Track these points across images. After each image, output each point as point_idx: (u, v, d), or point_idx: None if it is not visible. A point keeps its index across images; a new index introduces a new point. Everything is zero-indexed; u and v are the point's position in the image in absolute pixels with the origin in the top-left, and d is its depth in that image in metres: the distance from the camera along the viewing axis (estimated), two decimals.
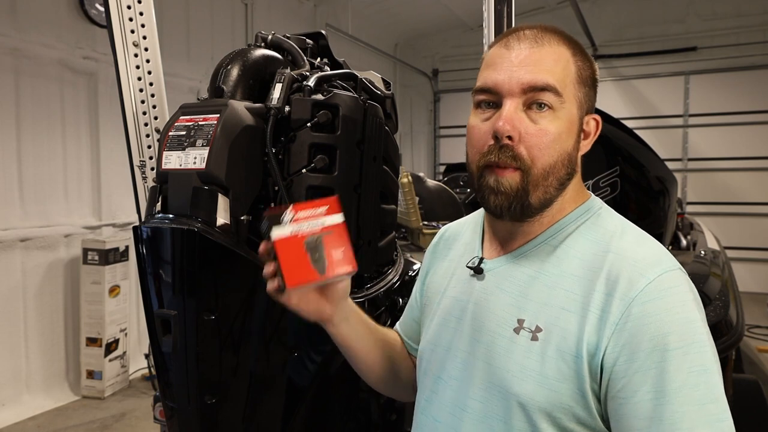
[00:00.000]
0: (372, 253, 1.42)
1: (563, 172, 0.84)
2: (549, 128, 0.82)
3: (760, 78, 7.53)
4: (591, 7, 8.15)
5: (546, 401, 0.78)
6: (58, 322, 4.13)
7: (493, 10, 1.78)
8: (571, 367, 0.77)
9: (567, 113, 0.84)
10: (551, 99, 0.82)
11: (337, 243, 0.90)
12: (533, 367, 0.80)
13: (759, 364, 4.02)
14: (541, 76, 0.82)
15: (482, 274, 0.91)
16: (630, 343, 0.74)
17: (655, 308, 0.74)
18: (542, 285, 0.84)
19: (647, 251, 0.81)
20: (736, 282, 2.71)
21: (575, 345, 0.77)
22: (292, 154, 1.30)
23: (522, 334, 0.82)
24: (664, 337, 0.73)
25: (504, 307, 0.86)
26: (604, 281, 0.78)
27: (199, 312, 1.14)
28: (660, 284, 0.76)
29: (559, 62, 0.84)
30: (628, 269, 0.78)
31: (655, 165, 2.55)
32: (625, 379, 0.74)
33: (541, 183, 0.83)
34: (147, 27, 1.52)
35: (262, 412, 1.29)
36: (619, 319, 0.75)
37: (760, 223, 7.59)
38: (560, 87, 0.83)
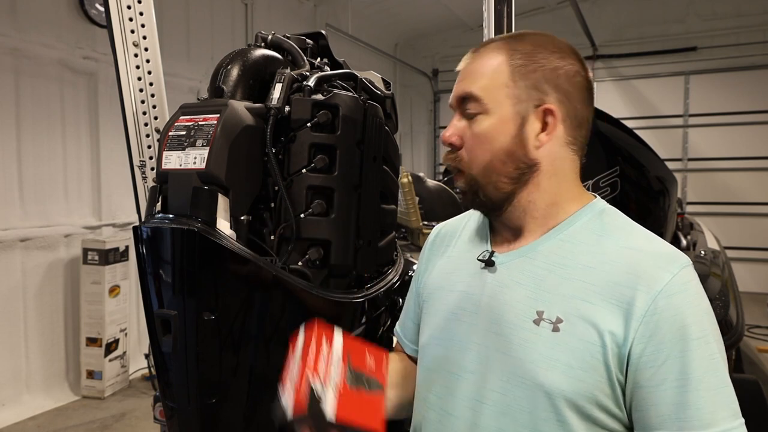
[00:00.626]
0: (372, 253, 1.42)
1: (509, 167, 0.90)
2: (478, 131, 0.90)
3: (760, 78, 7.53)
4: (591, 7, 8.15)
5: (571, 390, 0.80)
6: (58, 322, 4.13)
7: (493, 10, 1.78)
8: (595, 357, 0.80)
9: (498, 113, 0.89)
10: (474, 106, 0.90)
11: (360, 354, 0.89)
12: (558, 357, 0.82)
13: (759, 364, 4.02)
14: (466, 86, 0.91)
15: (494, 266, 0.93)
16: (656, 334, 0.79)
17: (679, 301, 0.80)
18: (557, 277, 0.86)
19: (662, 247, 0.86)
20: (736, 282, 2.71)
21: (599, 335, 0.80)
22: (292, 154, 1.30)
23: (543, 326, 0.84)
24: (687, 327, 0.79)
25: (521, 299, 0.88)
26: (626, 275, 0.82)
27: (199, 312, 1.14)
28: (681, 278, 0.81)
29: (488, 68, 0.91)
30: (651, 264, 0.82)
31: (655, 165, 2.55)
32: (653, 369, 0.78)
33: (483, 180, 0.91)
34: (147, 27, 1.52)
35: (262, 412, 1.29)
36: (645, 311, 0.79)
37: (760, 223, 7.59)
38: (482, 93, 0.89)
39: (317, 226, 1.30)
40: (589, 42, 7.95)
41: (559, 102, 0.90)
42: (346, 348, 0.88)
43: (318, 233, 1.30)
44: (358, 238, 1.37)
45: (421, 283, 1.11)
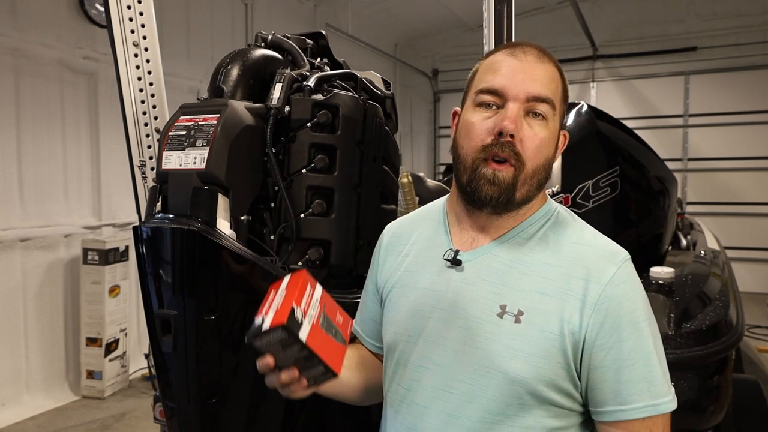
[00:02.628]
0: (372, 254, 1.42)
1: (543, 175, 0.96)
2: (540, 134, 0.94)
3: (760, 78, 7.53)
4: (591, 7, 8.15)
5: (533, 376, 0.89)
6: (58, 322, 4.13)
7: (493, 10, 1.78)
8: (553, 345, 0.89)
9: (554, 125, 0.96)
10: (547, 110, 0.94)
11: (333, 309, 0.98)
12: (520, 347, 0.89)
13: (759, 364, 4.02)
14: (543, 89, 0.94)
15: (461, 265, 0.98)
16: (608, 320, 0.89)
17: (625, 289, 0.91)
18: (519, 273, 0.94)
19: (607, 242, 0.97)
20: (736, 282, 2.71)
21: (558, 325, 0.89)
22: (292, 154, 1.30)
23: (506, 318, 0.91)
24: (634, 312, 0.90)
25: (485, 294, 0.94)
26: (581, 268, 0.92)
27: (199, 312, 1.14)
28: (624, 270, 0.92)
29: (554, 80, 0.97)
30: (600, 258, 0.93)
31: (655, 165, 2.55)
32: (605, 350, 0.88)
33: (528, 181, 0.94)
34: (147, 27, 1.53)
35: (262, 412, 1.29)
36: (596, 299, 0.89)
37: (760, 223, 7.59)
38: (555, 100, 0.95)
39: (317, 226, 1.30)
40: (589, 42, 7.95)
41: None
42: (324, 298, 0.96)
43: (318, 233, 1.30)
44: (358, 238, 1.37)
45: (379, 282, 1.13)
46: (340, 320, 0.98)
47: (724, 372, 1.78)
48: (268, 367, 0.88)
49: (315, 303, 0.93)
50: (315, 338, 0.88)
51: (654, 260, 2.47)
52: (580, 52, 8.27)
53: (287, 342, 0.85)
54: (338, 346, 0.94)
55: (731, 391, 1.81)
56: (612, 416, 0.89)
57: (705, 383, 1.73)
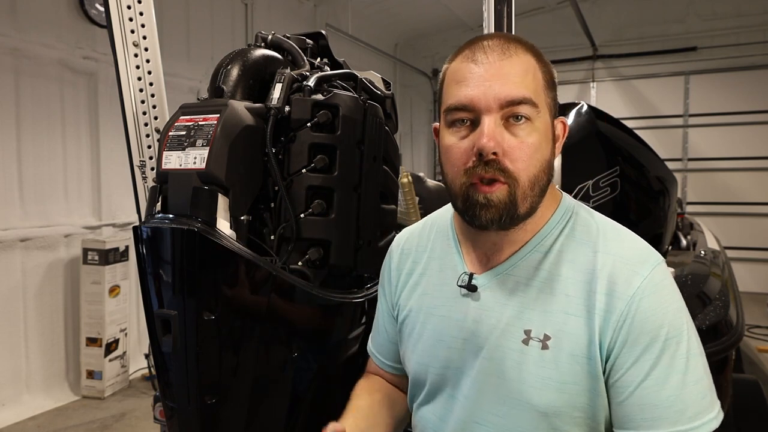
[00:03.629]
0: (372, 253, 1.42)
1: (545, 180, 0.86)
2: (528, 140, 0.82)
3: (760, 78, 7.53)
4: (591, 7, 8.15)
5: (566, 405, 0.81)
6: (58, 322, 4.13)
7: (493, 10, 1.78)
8: (584, 369, 0.81)
9: (542, 121, 0.84)
10: (528, 111, 0.82)
11: None
12: (549, 375, 0.82)
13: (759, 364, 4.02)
14: (516, 89, 0.82)
15: (476, 291, 0.90)
16: (630, 338, 0.79)
17: (651, 303, 0.80)
18: (540, 293, 0.85)
19: (634, 246, 0.86)
20: (736, 282, 2.71)
21: (587, 347, 0.81)
22: (292, 154, 1.30)
23: (531, 345, 0.83)
24: (660, 329, 0.79)
25: (507, 320, 0.86)
26: (605, 282, 0.82)
27: (199, 312, 1.14)
28: (653, 279, 0.81)
29: (529, 72, 0.84)
30: (623, 268, 0.82)
31: (655, 165, 2.55)
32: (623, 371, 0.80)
33: (528, 194, 0.83)
34: (147, 27, 1.52)
35: (262, 412, 1.29)
36: (620, 316, 0.80)
37: (760, 223, 7.59)
38: (535, 97, 0.83)
39: (317, 226, 1.30)
40: (589, 42, 7.94)
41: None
42: None
43: (318, 233, 1.30)
44: (358, 238, 1.37)
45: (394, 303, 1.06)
46: None
47: (724, 372, 1.78)
48: None
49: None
50: None
51: None
52: (580, 52, 8.27)
53: None
54: None
55: (731, 391, 1.81)
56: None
57: None
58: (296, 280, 1.26)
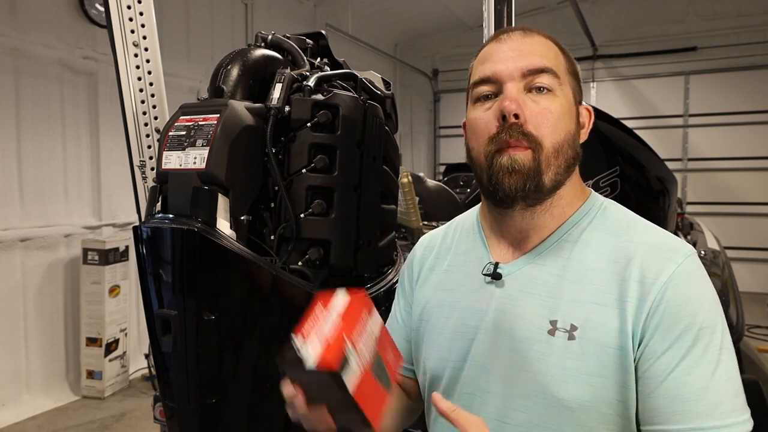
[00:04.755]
0: (372, 253, 1.42)
1: (570, 153, 0.85)
2: (551, 107, 0.84)
3: (760, 78, 7.53)
4: (591, 7, 8.15)
5: (593, 399, 0.78)
6: (58, 322, 4.13)
7: (493, 10, 1.78)
8: (613, 361, 0.78)
9: (565, 95, 0.86)
10: (550, 81, 0.84)
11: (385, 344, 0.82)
12: (575, 367, 0.79)
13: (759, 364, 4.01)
14: (538, 60, 0.85)
15: (501, 279, 0.88)
16: (662, 325, 0.76)
17: (685, 290, 0.78)
18: (569, 282, 0.83)
19: (664, 237, 0.84)
20: (736, 282, 2.71)
21: (618, 338, 0.78)
22: (292, 154, 1.30)
23: (558, 336, 0.80)
24: (695, 317, 0.76)
25: (533, 310, 0.83)
26: (636, 269, 0.79)
27: (199, 312, 1.14)
28: (686, 267, 0.79)
29: (551, 50, 0.88)
30: (655, 255, 0.80)
31: (655, 165, 2.55)
32: (653, 360, 0.76)
33: (552, 162, 0.83)
34: (147, 27, 1.53)
35: (262, 412, 1.29)
36: (652, 303, 0.77)
37: (760, 223, 7.59)
38: (556, 69, 0.86)
39: (317, 226, 1.30)
40: (589, 42, 7.94)
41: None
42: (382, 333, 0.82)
43: (318, 233, 1.30)
44: (358, 238, 1.37)
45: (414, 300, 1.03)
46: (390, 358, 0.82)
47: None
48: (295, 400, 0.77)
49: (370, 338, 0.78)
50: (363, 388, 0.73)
51: None
52: (580, 52, 8.26)
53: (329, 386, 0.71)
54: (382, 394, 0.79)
55: None
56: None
57: None
58: (296, 280, 1.26)
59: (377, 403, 0.76)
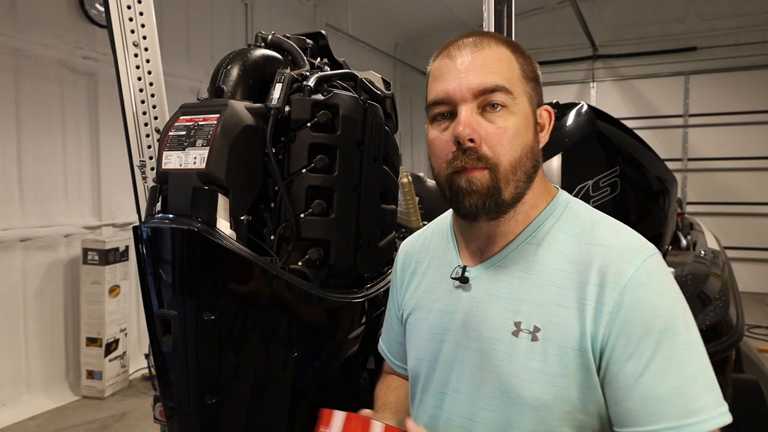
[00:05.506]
0: (372, 253, 1.42)
1: (529, 164, 0.87)
2: (506, 125, 0.85)
3: (760, 78, 7.53)
4: (591, 7, 8.15)
5: (555, 398, 0.80)
6: (58, 322, 4.13)
7: (493, 10, 1.78)
8: (574, 361, 0.80)
9: (520, 108, 0.86)
10: (503, 98, 0.85)
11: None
12: (537, 367, 0.81)
13: (759, 364, 4.02)
14: (489, 77, 0.84)
15: (468, 283, 0.91)
16: (625, 330, 0.78)
17: (645, 293, 0.78)
18: (532, 285, 0.85)
19: (626, 238, 0.84)
20: (736, 282, 2.71)
21: (578, 339, 0.80)
22: (292, 154, 1.30)
23: (521, 337, 0.83)
24: (655, 319, 0.77)
25: (498, 312, 0.86)
26: (595, 273, 0.81)
27: (199, 312, 1.14)
28: (646, 270, 0.80)
29: (503, 62, 0.87)
30: (615, 258, 0.81)
31: (655, 165, 2.55)
32: (620, 364, 0.78)
33: (510, 178, 0.85)
34: (147, 27, 1.52)
35: (262, 412, 1.29)
36: (613, 307, 0.78)
37: (760, 223, 7.59)
38: (509, 85, 0.85)
39: (317, 226, 1.30)
40: (589, 42, 7.94)
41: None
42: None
43: (318, 233, 1.30)
44: (358, 238, 1.37)
45: (400, 303, 1.08)
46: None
47: (724, 372, 1.78)
48: None
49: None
50: None
51: None
52: (580, 52, 8.27)
53: None
54: None
55: (731, 391, 1.81)
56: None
57: None
58: (296, 281, 1.26)
59: None
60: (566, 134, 2.26)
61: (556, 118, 2.34)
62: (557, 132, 2.28)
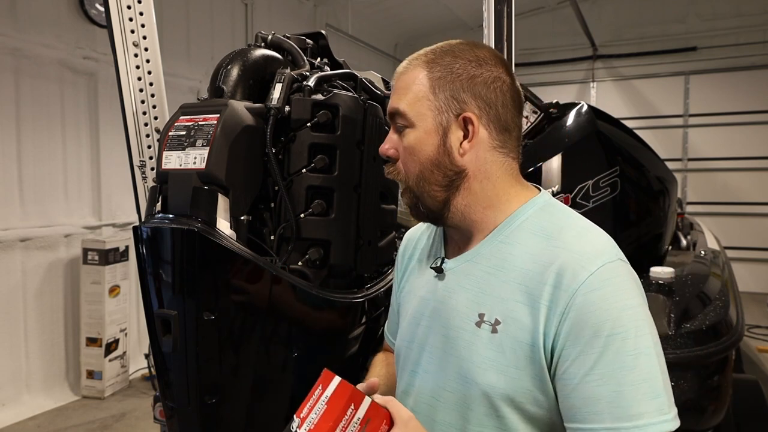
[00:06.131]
0: (372, 253, 1.42)
1: (438, 176, 0.93)
2: (407, 144, 0.95)
3: (760, 78, 7.53)
4: (591, 7, 8.14)
5: (507, 387, 0.86)
6: (58, 322, 4.13)
7: (493, 10, 1.78)
8: (527, 355, 0.85)
9: (422, 125, 0.93)
10: (402, 121, 0.95)
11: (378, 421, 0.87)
12: (494, 357, 0.88)
13: (759, 364, 4.02)
14: (395, 102, 0.95)
15: (443, 273, 0.98)
16: (573, 331, 0.82)
17: (595, 298, 0.82)
18: (497, 280, 0.91)
19: (590, 243, 0.87)
20: (736, 282, 2.71)
21: (530, 335, 0.85)
22: (292, 154, 1.30)
23: (483, 328, 0.90)
24: (603, 324, 0.81)
25: (465, 303, 0.93)
26: (553, 274, 0.85)
27: (199, 312, 1.14)
28: (600, 275, 0.83)
29: (411, 83, 0.95)
30: (573, 262, 0.84)
31: (655, 165, 2.55)
32: (568, 363, 0.83)
33: (422, 190, 0.95)
34: (147, 27, 1.53)
35: (261, 412, 1.29)
36: (564, 309, 0.83)
37: (760, 223, 7.59)
38: (407, 108, 0.94)
39: (317, 226, 1.30)
40: (589, 42, 7.94)
41: (480, 109, 0.92)
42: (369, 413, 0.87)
43: (318, 233, 1.30)
44: (358, 238, 1.37)
45: (398, 288, 1.16)
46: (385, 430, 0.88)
47: (724, 372, 1.78)
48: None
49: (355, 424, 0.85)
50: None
51: (654, 260, 2.47)
52: (580, 52, 8.27)
53: None
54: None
55: (731, 391, 1.81)
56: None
57: (705, 383, 1.73)
58: (296, 280, 1.26)
59: None
60: (566, 134, 2.26)
61: (556, 118, 2.35)
62: (557, 132, 2.28)
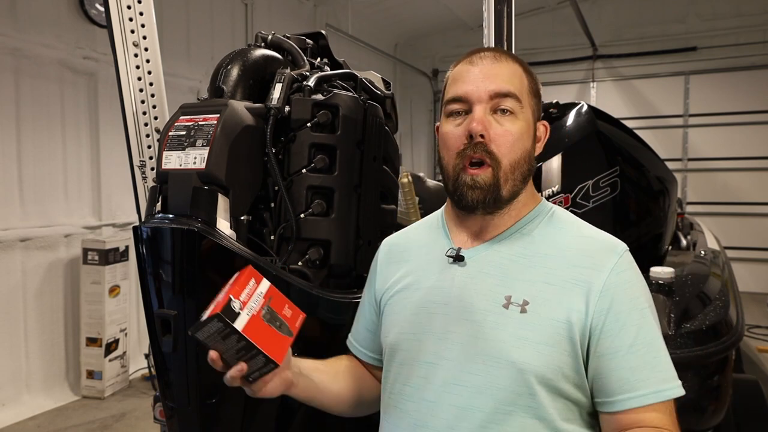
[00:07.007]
0: (372, 253, 1.42)
1: (526, 167, 1.00)
2: (512, 129, 0.98)
3: (760, 78, 7.52)
4: (591, 7, 8.14)
5: (541, 365, 0.90)
6: (58, 322, 4.13)
7: (493, 10, 1.78)
8: (560, 333, 0.91)
9: (524, 117, 1.00)
10: (512, 104, 0.98)
11: (281, 303, 0.99)
12: (526, 335, 0.91)
13: (759, 364, 4.03)
14: (504, 85, 0.98)
15: (463, 260, 1.01)
16: (614, 307, 0.91)
17: (628, 276, 0.94)
18: (521, 266, 0.97)
19: (606, 235, 1.00)
20: (736, 282, 2.71)
21: (564, 313, 0.91)
22: (292, 154, 1.30)
23: (511, 309, 0.93)
24: (638, 299, 0.93)
25: (490, 287, 0.96)
26: (582, 257, 0.95)
27: (199, 312, 1.14)
28: (626, 258, 0.96)
29: (516, 75, 1.01)
30: (600, 248, 0.96)
31: (655, 165, 2.55)
32: (612, 337, 0.90)
33: (509, 177, 0.98)
34: (147, 27, 1.53)
35: (261, 412, 1.29)
36: (602, 287, 0.92)
37: (760, 223, 7.59)
38: (519, 94, 0.99)
39: (317, 226, 1.30)
40: (589, 42, 7.94)
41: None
42: (270, 291, 0.98)
43: (318, 233, 1.30)
44: (358, 238, 1.37)
45: (377, 291, 1.14)
46: (288, 313, 0.99)
47: (724, 372, 1.78)
48: (215, 362, 0.92)
49: (258, 296, 0.96)
50: (253, 328, 0.90)
51: (654, 260, 2.47)
52: (580, 52, 8.27)
53: (224, 333, 0.88)
54: (282, 338, 0.95)
55: (731, 391, 1.81)
56: (620, 405, 0.90)
57: (705, 383, 1.74)
58: (296, 280, 1.26)
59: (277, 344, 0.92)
60: (566, 134, 2.26)
61: (556, 118, 2.34)
62: (557, 132, 2.28)
